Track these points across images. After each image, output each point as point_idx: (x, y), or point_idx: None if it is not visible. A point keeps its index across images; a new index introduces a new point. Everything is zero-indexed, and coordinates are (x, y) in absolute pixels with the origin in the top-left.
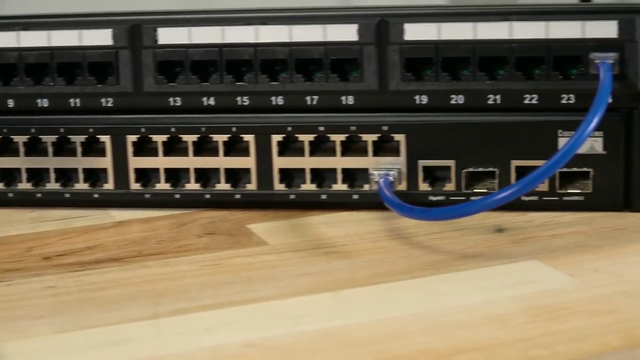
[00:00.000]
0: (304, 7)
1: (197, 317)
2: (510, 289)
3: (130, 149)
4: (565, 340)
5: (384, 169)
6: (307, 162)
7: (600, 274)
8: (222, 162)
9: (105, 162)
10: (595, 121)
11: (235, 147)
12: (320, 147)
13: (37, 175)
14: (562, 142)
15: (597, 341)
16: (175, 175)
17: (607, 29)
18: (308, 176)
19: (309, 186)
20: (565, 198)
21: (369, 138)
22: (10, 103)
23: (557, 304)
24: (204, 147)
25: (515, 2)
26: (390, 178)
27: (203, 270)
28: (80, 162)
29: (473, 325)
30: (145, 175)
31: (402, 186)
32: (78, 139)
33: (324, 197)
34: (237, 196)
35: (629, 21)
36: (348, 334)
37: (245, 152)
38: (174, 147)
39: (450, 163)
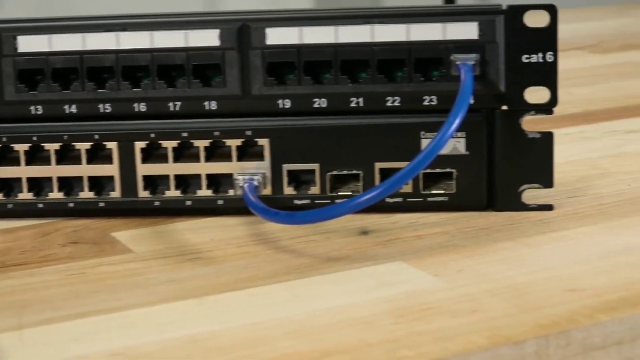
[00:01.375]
0: (165, 13)
1: (63, 327)
2: (376, 290)
3: None
4: (430, 340)
5: (249, 174)
6: (171, 168)
7: (465, 274)
8: (85, 170)
9: None
10: (456, 122)
11: (98, 155)
12: (184, 153)
13: None
14: (425, 143)
15: (462, 340)
16: (38, 185)
17: (468, 31)
18: (172, 182)
19: (173, 192)
20: (429, 199)
21: (233, 143)
22: None
23: (422, 304)
24: (66, 156)
25: (380, 5)
26: (255, 183)
27: (68, 280)
28: None
29: (339, 327)
30: (8, 185)
31: (267, 190)
32: None
33: (188, 203)
34: (101, 204)
35: (489, 22)
36: (213, 339)
37: (108, 159)
38: (36, 156)
39: (315, 166)
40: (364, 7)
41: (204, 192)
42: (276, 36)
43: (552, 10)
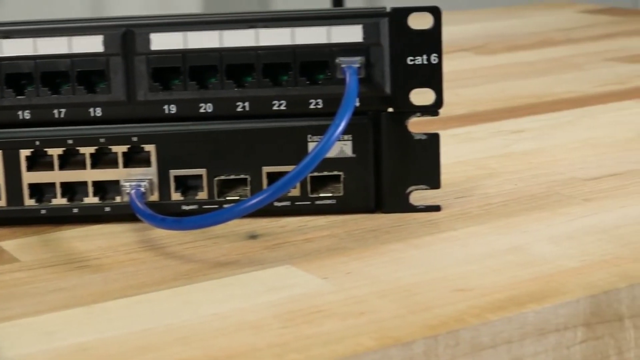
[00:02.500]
0: (49, 20)
1: None
2: (264, 294)
3: None
4: (319, 343)
5: (136, 180)
6: (57, 176)
7: (353, 276)
8: None
9: None
10: (342, 125)
11: None
12: (70, 160)
13: None
14: (312, 146)
15: (352, 342)
16: None
17: (353, 33)
18: (58, 190)
19: (59, 200)
20: (317, 202)
21: (119, 149)
22: None
23: (310, 307)
24: None
25: (268, 10)
26: (142, 189)
27: None
28: None
29: (227, 332)
30: None
31: (155, 197)
32: None
33: (75, 210)
34: None
35: (373, 25)
36: (102, 348)
37: None
38: None
39: (202, 172)
40: (249, 12)
41: (91, 199)
42: (161, 41)
43: (435, 12)
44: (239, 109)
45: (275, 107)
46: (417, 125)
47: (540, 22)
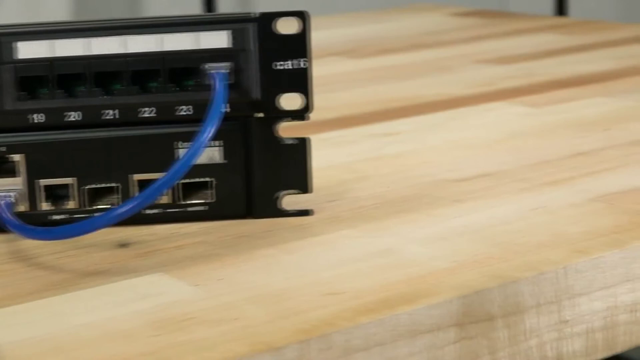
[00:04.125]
0: None
1: None
2: (135, 303)
3: None
4: (191, 350)
5: (4, 191)
6: None
7: (225, 282)
8: None
9: None
10: (210, 131)
11: None
12: None
13: None
14: (181, 153)
15: (224, 349)
16: None
17: (220, 39)
18: None
19: None
20: (189, 209)
21: None
22: None
23: (182, 314)
24: None
25: (138, 16)
26: (11, 199)
27: None
28: None
29: (98, 342)
30: None
31: (24, 207)
32: None
33: None
34: None
35: (241, 30)
36: None
37: None
38: None
39: (71, 181)
40: (116, 19)
41: None
42: (27, 50)
43: (302, 16)
44: (107, 117)
45: (145, 114)
46: (289, 130)
47: (410, 26)
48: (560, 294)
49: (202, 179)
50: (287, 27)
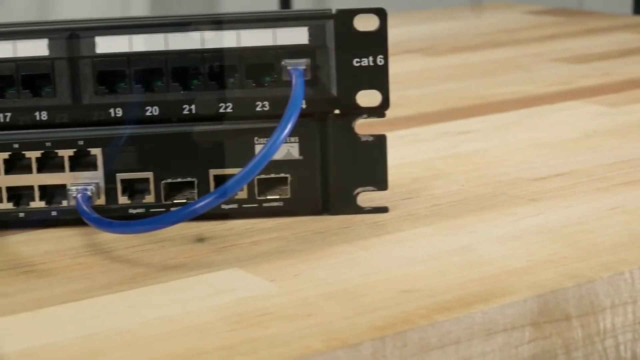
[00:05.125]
0: None
1: None
2: (211, 298)
3: None
4: (266, 346)
5: (82, 184)
6: (3, 180)
7: (300, 278)
8: None
9: None
10: (288, 127)
11: None
12: (16, 164)
13: None
14: (258, 149)
15: (299, 345)
16: None
17: (298, 36)
18: (4, 195)
19: (5, 205)
20: (265, 204)
21: (65, 153)
22: None
23: (257, 310)
24: None
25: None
26: (89, 193)
27: None
28: None
29: (174, 336)
30: None
31: (101, 201)
32: None
33: (21, 215)
34: None
35: (319, 27)
36: (48, 353)
37: None
38: None
39: (149, 175)
40: (194, 15)
41: (37, 203)
42: (106, 45)
43: (381, 14)
44: (185, 112)
45: (221, 110)
46: (363, 127)
47: (485, 24)
48: (635, 294)
49: (278, 175)
50: (364, 23)
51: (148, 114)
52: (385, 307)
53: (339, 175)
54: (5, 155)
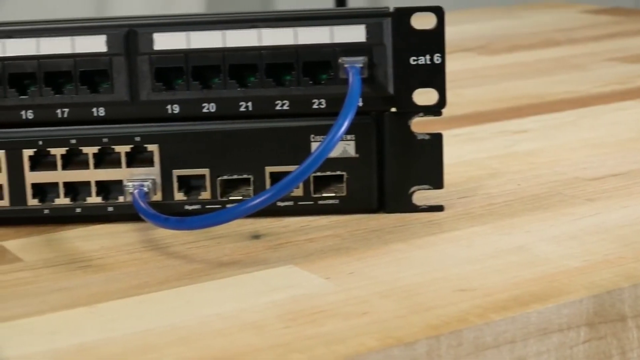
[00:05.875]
0: (52, 20)
1: None
2: (266, 295)
3: None
4: (321, 343)
5: (139, 180)
6: (60, 175)
7: (356, 276)
8: None
9: None
10: (345, 125)
11: None
12: (73, 160)
13: None
14: (314, 146)
15: (354, 343)
16: None
17: (355, 33)
18: (62, 190)
19: (62, 200)
20: (320, 202)
21: (122, 149)
22: None
23: (313, 307)
24: None
25: (270, 10)
26: (145, 189)
27: None
28: None
29: (229, 333)
30: None
31: (158, 197)
32: None
33: (78, 210)
34: None
35: (376, 25)
36: (103, 348)
37: None
38: None
39: (205, 171)
40: (251, 12)
41: (94, 199)
42: (164, 41)
43: (439, 12)
44: (242, 109)
45: (278, 107)
46: (418, 125)
47: (541, 22)
48: None
49: (334, 173)
50: (421, 21)
51: (205, 110)
52: (441, 305)
53: (395, 173)
54: (63, 150)
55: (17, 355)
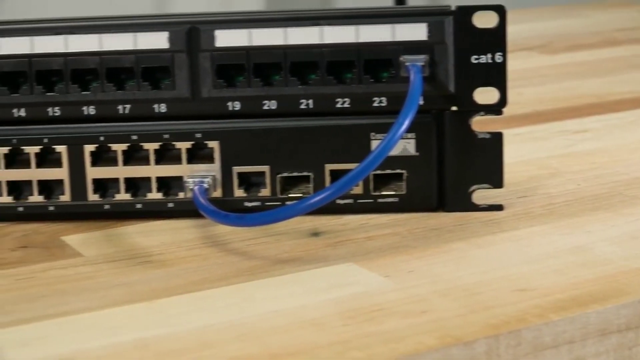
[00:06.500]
0: (114, 16)
1: (12, 332)
2: (326, 292)
3: None
4: (380, 341)
5: (199, 177)
6: (121, 171)
7: (415, 275)
8: (34, 173)
9: None
10: (406, 123)
11: (47, 159)
12: (134, 156)
13: None
14: (375, 144)
15: (413, 341)
16: None
17: (417, 32)
18: (122, 186)
19: (123, 196)
20: (380, 200)
21: (183, 146)
22: None
23: (372, 305)
24: (15, 159)
25: (330, 7)
26: (205, 185)
27: (17, 284)
28: None
29: (288, 330)
30: None
31: (218, 193)
32: None
33: (139, 206)
34: (51, 208)
35: (438, 23)
36: (162, 343)
37: (57, 163)
38: None
39: (265, 168)
40: (313, 9)
41: (154, 195)
42: (225, 38)
43: (500, 11)
44: (302, 106)
45: (338, 105)
46: (478, 124)
47: (602, 21)
48: None
49: (394, 171)
50: (483, 20)
51: (265, 108)
52: (500, 305)
53: (455, 172)
54: (124, 146)
55: (77, 350)
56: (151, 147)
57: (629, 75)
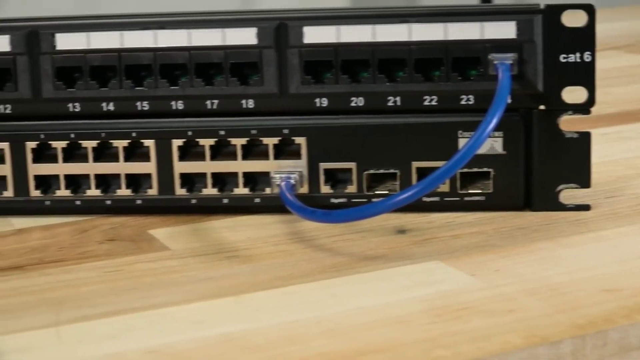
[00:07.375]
0: (203, 12)
1: (99, 324)
2: (412, 290)
3: (29, 156)
4: (466, 340)
5: (285, 172)
6: (208, 166)
7: (501, 274)
8: (122, 167)
9: (4, 169)
10: (494, 121)
11: (135, 153)
12: (221, 151)
13: None
14: (462, 142)
15: (499, 340)
16: (76, 182)
17: (506, 30)
18: (209, 180)
19: (210, 191)
20: (466, 198)
21: (270, 141)
22: None
23: (458, 304)
24: (104, 153)
25: (416, 4)
26: (292, 181)
27: (104, 277)
28: None
29: (374, 327)
30: (46, 182)
31: (304, 189)
32: None
33: (225, 201)
34: (138, 202)
35: (527, 22)
36: (248, 338)
37: (145, 157)
38: (73, 154)
39: (352, 165)
40: (401, 6)
41: (241, 190)
42: (314, 35)
43: (590, 10)
44: (390, 104)
45: (426, 103)
46: (566, 123)
47: None
48: None
49: (481, 169)
50: (571, 19)
51: (353, 104)
52: (587, 305)
53: (542, 171)
54: (212, 141)
55: (163, 344)
56: (238, 142)
57: None
